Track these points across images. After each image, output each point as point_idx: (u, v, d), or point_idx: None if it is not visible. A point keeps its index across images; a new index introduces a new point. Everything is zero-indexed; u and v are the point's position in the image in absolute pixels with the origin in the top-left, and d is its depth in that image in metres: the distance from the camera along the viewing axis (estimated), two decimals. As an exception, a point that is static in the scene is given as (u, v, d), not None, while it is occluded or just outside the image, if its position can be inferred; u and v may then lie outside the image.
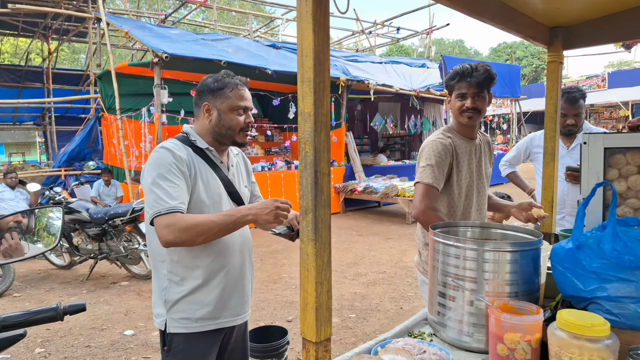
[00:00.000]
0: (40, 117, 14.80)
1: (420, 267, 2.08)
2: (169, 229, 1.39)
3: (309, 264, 1.01)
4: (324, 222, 1.02)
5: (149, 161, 1.53)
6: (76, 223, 5.30)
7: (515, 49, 37.12)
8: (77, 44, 25.66)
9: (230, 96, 1.61)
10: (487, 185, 2.08)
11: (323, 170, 1.00)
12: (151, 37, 7.51)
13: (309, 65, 0.98)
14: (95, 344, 3.45)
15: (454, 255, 1.34)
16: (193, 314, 1.57)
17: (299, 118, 1.02)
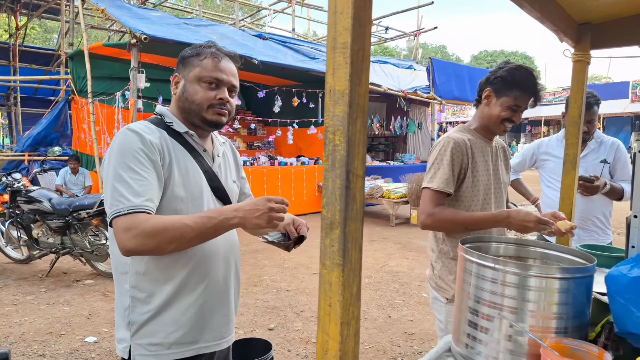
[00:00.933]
0: (4, 97, 13.95)
1: (433, 282, 1.85)
2: (129, 233, 1.09)
3: (333, 297, 0.75)
4: (355, 240, 0.75)
5: (111, 146, 1.22)
6: (36, 214, 4.86)
7: (495, 58, 37.71)
8: (49, 23, 24.56)
9: (201, 64, 1.30)
10: (505, 193, 1.87)
11: (357, 171, 0.74)
12: (129, 17, 7.06)
13: (344, 26, 0.71)
14: (50, 353, 3.09)
15: (491, 279, 1.10)
16: (165, 338, 1.26)
17: (327, 98, 0.75)
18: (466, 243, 1.26)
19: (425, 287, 4.54)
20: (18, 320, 3.63)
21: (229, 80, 1.32)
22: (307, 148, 9.93)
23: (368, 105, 2.71)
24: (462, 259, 1.18)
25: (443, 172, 1.67)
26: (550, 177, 2.69)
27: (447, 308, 1.77)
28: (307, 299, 4.15)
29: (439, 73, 10.36)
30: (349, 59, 0.70)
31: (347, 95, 0.71)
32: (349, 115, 0.71)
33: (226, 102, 1.31)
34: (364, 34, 0.72)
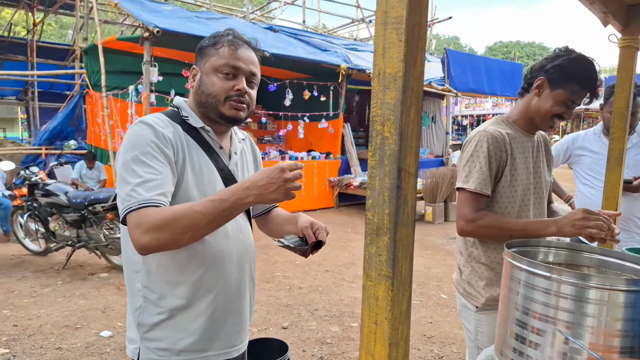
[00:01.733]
0: (22, 91, 14.08)
1: (461, 288, 1.71)
2: (140, 229, 1.00)
3: (379, 314, 0.65)
4: (406, 249, 0.65)
5: (124, 139, 1.14)
6: (53, 207, 4.86)
7: (511, 49, 37.03)
8: (65, 18, 24.75)
9: (217, 53, 1.19)
10: (546, 193, 1.70)
11: (409, 169, 0.64)
12: (142, 10, 7.00)
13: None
14: (67, 346, 3.06)
15: (543, 289, 0.99)
16: (174, 344, 1.19)
17: (374, 83, 0.64)
18: (512, 247, 1.15)
19: (444, 287, 4.42)
20: (36, 313, 3.61)
21: (248, 69, 1.21)
22: (317, 142, 9.81)
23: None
24: (509, 265, 1.07)
25: (479, 171, 1.51)
26: (586, 173, 2.54)
27: (477, 317, 1.63)
28: (320, 297, 4.06)
29: (454, 64, 10.14)
30: (404, 35, 0.60)
31: (401, 79, 0.61)
32: (402, 103, 0.61)
33: (244, 92, 1.21)
34: (421, 6, 0.61)
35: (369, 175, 0.66)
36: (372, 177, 0.65)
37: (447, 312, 3.78)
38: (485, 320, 1.61)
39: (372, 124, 0.65)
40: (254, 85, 1.25)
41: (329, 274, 4.75)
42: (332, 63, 8.47)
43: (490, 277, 1.60)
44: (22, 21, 17.11)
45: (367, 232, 0.66)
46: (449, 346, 3.17)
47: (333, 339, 3.25)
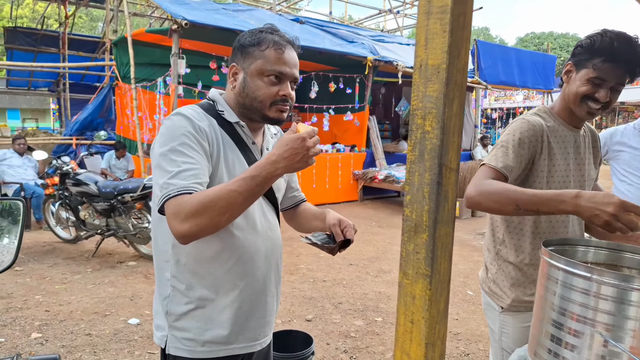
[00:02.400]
0: (54, 83, 14.52)
1: (486, 286, 1.65)
2: (179, 217, 1.01)
3: (416, 312, 0.63)
4: (446, 247, 0.63)
5: (160, 130, 1.15)
6: (84, 196, 4.99)
7: (543, 40, 35.91)
8: (95, 11, 25.29)
9: (263, 56, 1.18)
10: None
11: (451, 164, 0.61)
12: (170, 2, 7.07)
13: (443, -14, 0.58)
14: (96, 332, 3.15)
15: (581, 289, 0.95)
16: (200, 334, 1.21)
17: (416, 75, 0.62)
18: (549, 245, 1.11)
19: (470, 283, 4.35)
20: (67, 299, 3.73)
21: (292, 74, 1.21)
22: (342, 135, 9.75)
23: (408, 91, 2.48)
24: (546, 264, 1.03)
25: (504, 153, 1.42)
26: (624, 170, 2.44)
27: (502, 318, 1.58)
28: (344, 291, 4.06)
29: (484, 56, 9.89)
30: (448, 25, 0.57)
31: (444, 71, 0.58)
32: (445, 96, 0.59)
33: (289, 98, 1.22)
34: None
35: (408, 170, 0.64)
36: (411, 173, 0.63)
37: (474, 309, 3.72)
38: (510, 321, 1.56)
39: (412, 117, 0.63)
40: (295, 85, 1.26)
41: (353, 267, 4.74)
42: (358, 55, 8.39)
43: (518, 278, 1.54)
44: (54, 14, 17.58)
45: (404, 229, 0.65)
46: (475, 344, 3.12)
47: (357, 332, 3.24)
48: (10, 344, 2.95)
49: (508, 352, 1.58)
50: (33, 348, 2.93)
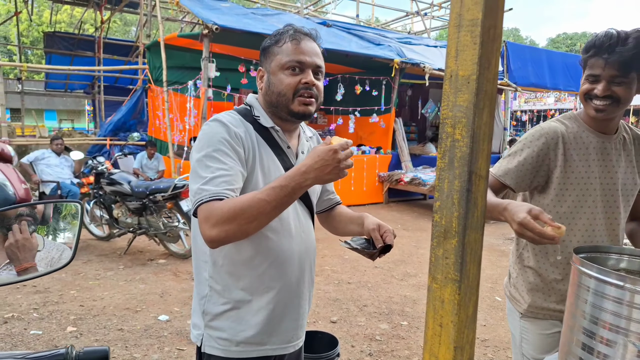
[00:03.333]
0: (90, 85, 15.07)
1: (507, 291, 1.64)
2: (210, 222, 1.05)
3: (445, 316, 0.65)
4: (475, 253, 0.65)
5: (199, 136, 1.20)
6: (117, 195, 5.17)
7: (576, 41, 34.86)
8: (128, 16, 26.08)
9: (281, 51, 1.20)
10: (622, 202, 1.51)
11: (480, 172, 0.63)
12: (202, 8, 7.24)
13: (474, 0, 0.59)
14: (128, 328, 3.26)
15: (614, 298, 0.94)
16: (235, 335, 1.24)
17: (446, 85, 0.64)
18: (581, 253, 1.10)
19: (498, 289, 4.28)
20: (100, 295, 3.88)
21: (312, 61, 1.21)
22: (368, 137, 9.74)
23: (435, 93, 2.49)
24: (577, 272, 1.03)
25: (509, 160, 1.47)
26: None
27: (522, 323, 1.56)
28: (369, 294, 4.06)
29: (514, 57, 9.70)
30: (479, 38, 0.59)
31: (474, 82, 0.60)
32: (475, 105, 0.60)
33: (312, 85, 1.21)
34: (497, 8, 0.60)
35: (438, 177, 0.65)
36: (441, 180, 0.64)
37: (502, 316, 3.66)
38: (529, 327, 1.55)
39: (442, 125, 0.64)
40: (320, 76, 1.26)
41: (378, 270, 4.73)
42: (385, 57, 8.37)
43: (536, 283, 1.52)
44: (90, 19, 18.24)
45: (433, 234, 0.66)
46: (503, 351, 3.08)
47: (382, 336, 3.24)
48: (48, 337, 3.09)
49: (529, 358, 1.56)
50: (69, 341, 3.06)
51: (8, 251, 0.85)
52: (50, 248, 0.86)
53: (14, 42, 20.48)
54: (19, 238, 0.86)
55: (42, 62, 18.58)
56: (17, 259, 0.85)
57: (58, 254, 0.86)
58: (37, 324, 3.26)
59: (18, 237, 0.86)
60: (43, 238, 0.88)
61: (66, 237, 0.90)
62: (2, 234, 0.83)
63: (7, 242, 0.85)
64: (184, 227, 4.85)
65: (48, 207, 0.91)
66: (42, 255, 0.88)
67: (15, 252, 0.85)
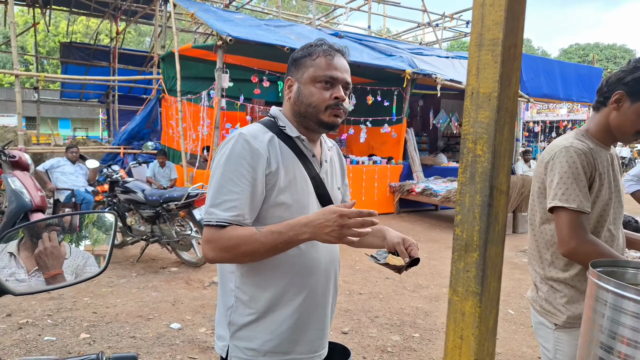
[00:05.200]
0: (104, 95, 15.34)
1: (537, 305, 1.64)
2: (209, 245, 1.15)
3: (465, 329, 0.66)
4: (495, 266, 0.66)
5: (223, 149, 1.22)
6: (131, 203, 5.23)
7: (588, 52, 34.64)
8: (142, 27, 26.57)
9: (314, 64, 1.24)
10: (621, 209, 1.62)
11: (501, 187, 0.64)
12: (216, 19, 7.37)
13: (495, 20, 0.61)
14: (140, 335, 3.29)
15: (632, 313, 0.94)
16: (261, 345, 1.24)
17: (467, 102, 0.66)
18: (598, 267, 1.10)
19: (511, 302, 4.23)
20: (113, 302, 3.91)
21: (344, 78, 1.26)
22: (379, 147, 9.76)
23: (447, 103, 2.50)
24: (594, 286, 1.03)
25: (577, 187, 1.45)
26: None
27: (556, 335, 1.57)
28: (381, 305, 4.04)
29: (526, 68, 9.67)
30: (500, 57, 0.61)
31: (495, 99, 0.61)
32: (496, 122, 0.62)
33: (342, 100, 1.25)
34: (517, 28, 0.62)
35: (459, 191, 0.67)
36: (462, 194, 0.66)
37: (515, 329, 3.62)
38: (564, 338, 1.55)
39: (463, 141, 0.66)
40: (348, 92, 1.30)
41: (390, 281, 4.71)
42: (397, 68, 8.41)
43: (572, 295, 1.54)
44: (105, 30, 18.61)
45: (454, 247, 0.68)
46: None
47: (394, 348, 3.22)
48: (61, 343, 3.13)
49: None
50: (82, 348, 3.09)
51: (37, 258, 0.88)
52: (80, 257, 0.89)
53: (31, 52, 20.97)
54: (47, 246, 0.88)
55: (58, 72, 18.98)
56: (45, 266, 0.88)
57: (85, 263, 0.89)
58: (51, 330, 3.30)
59: (47, 244, 0.88)
60: (72, 247, 0.91)
61: (99, 247, 0.92)
62: (33, 243, 0.86)
63: (37, 249, 0.88)
64: (196, 235, 4.89)
65: (81, 218, 0.94)
66: (69, 263, 0.91)
67: (43, 260, 0.88)
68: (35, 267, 0.88)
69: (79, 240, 0.93)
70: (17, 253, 0.87)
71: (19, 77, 8.24)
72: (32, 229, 0.89)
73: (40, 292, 0.86)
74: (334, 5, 14.53)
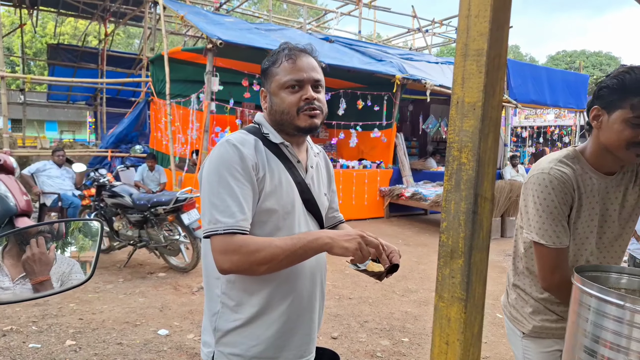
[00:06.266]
0: (92, 97, 15.19)
1: (507, 312, 1.64)
2: (225, 256, 1.11)
3: (451, 334, 0.66)
4: (480, 273, 0.66)
5: (210, 157, 1.21)
6: (118, 207, 5.18)
7: (575, 58, 35.21)
8: (132, 29, 26.40)
9: (278, 72, 1.24)
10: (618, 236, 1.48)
11: (486, 194, 0.65)
12: (206, 23, 7.35)
13: (480, 31, 0.62)
14: (127, 342, 3.25)
15: (614, 317, 0.96)
16: (246, 350, 1.24)
17: (452, 111, 0.67)
18: (582, 272, 1.12)
19: (499, 306, 4.25)
20: (99, 308, 3.86)
21: (310, 77, 1.24)
22: (369, 151, 9.80)
23: (436, 108, 2.52)
24: (578, 291, 1.05)
25: (552, 223, 1.35)
26: None
27: (524, 343, 1.56)
28: (370, 309, 4.05)
29: (514, 74, 9.82)
30: (484, 67, 0.62)
31: (480, 108, 0.62)
32: (480, 131, 0.63)
33: (312, 99, 1.24)
34: (502, 38, 0.63)
35: (444, 198, 0.68)
36: (448, 201, 0.67)
37: (503, 333, 3.65)
38: (532, 346, 1.55)
39: (448, 149, 0.67)
40: (321, 89, 1.28)
41: (379, 286, 4.72)
42: (387, 73, 8.47)
43: (537, 306, 1.52)
44: (94, 32, 18.46)
45: (440, 253, 0.68)
46: (504, 368, 3.06)
47: (383, 352, 3.23)
48: (46, 350, 3.07)
49: None
50: (67, 355, 3.04)
51: (24, 264, 0.87)
52: (65, 265, 0.88)
53: (17, 53, 20.71)
54: (35, 252, 0.87)
55: (45, 74, 18.76)
56: (32, 272, 0.87)
57: (71, 270, 0.88)
58: (35, 337, 3.24)
59: (35, 250, 0.87)
60: (59, 255, 0.90)
61: (85, 255, 0.91)
62: (20, 250, 0.85)
63: (24, 256, 0.87)
64: (184, 240, 4.85)
65: (67, 225, 0.93)
66: (55, 270, 0.90)
67: (31, 266, 0.87)
68: (21, 275, 0.87)
69: (65, 247, 0.92)
70: (1, 260, 0.86)
71: (4, 79, 8.13)
72: (18, 236, 0.88)
73: (25, 301, 0.85)
74: (325, 10, 14.61)
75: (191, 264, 4.89)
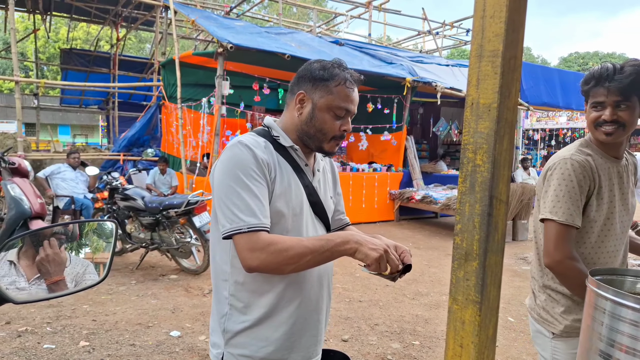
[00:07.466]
0: (104, 101, 15.39)
1: (535, 314, 1.65)
2: (254, 253, 1.11)
3: (465, 337, 0.66)
4: (495, 275, 0.66)
5: (223, 158, 1.22)
6: (131, 210, 5.23)
7: (588, 60, 34.81)
8: (143, 33, 26.72)
9: (334, 92, 1.26)
10: (630, 222, 1.62)
11: (501, 196, 0.65)
12: (216, 27, 7.41)
13: (495, 32, 0.62)
14: (140, 343, 3.27)
15: (630, 321, 0.94)
16: (256, 351, 1.25)
17: (467, 112, 0.66)
18: (597, 275, 1.10)
19: (511, 309, 4.22)
20: (112, 309, 3.90)
21: (354, 110, 1.31)
22: (379, 154, 9.78)
23: (447, 111, 2.53)
24: (593, 294, 1.03)
25: (569, 201, 1.46)
26: None
27: (554, 344, 1.57)
28: (380, 312, 4.03)
29: (526, 77, 9.73)
30: (500, 68, 0.61)
31: (495, 110, 0.62)
32: (496, 133, 0.63)
33: (347, 132, 1.31)
34: (517, 40, 0.63)
35: (459, 200, 0.67)
36: (462, 203, 0.66)
37: (515, 337, 3.60)
38: (562, 347, 1.56)
39: (463, 151, 0.67)
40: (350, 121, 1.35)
41: (389, 289, 4.70)
42: (397, 76, 8.45)
43: (569, 305, 1.54)
44: (106, 36, 18.70)
45: (454, 256, 0.68)
46: (516, 373, 3.02)
47: (394, 355, 3.21)
48: (61, 351, 3.11)
49: None
50: (81, 356, 3.07)
51: (39, 265, 0.88)
52: (79, 265, 0.89)
53: (31, 58, 21.07)
54: (49, 252, 0.89)
55: (58, 78, 19.05)
56: (47, 272, 0.88)
57: (85, 271, 0.89)
58: (50, 338, 3.28)
59: (48, 251, 0.89)
60: (72, 255, 0.92)
61: (99, 256, 0.93)
62: (33, 251, 0.86)
63: (39, 256, 0.88)
64: (196, 242, 4.88)
65: (81, 226, 0.95)
66: (69, 271, 0.91)
67: (45, 266, 0.88)
68: (36, 275, 0.88)
69: (79, 248, 0.93)
70: (17, 261, 0.88)
71: (18, 84, 8.27)
72: (33, 237, 0.89)
73: (40, 301, 0.86)
74: (335, 13, 14.63)
75: (202, 266, 4.91)
